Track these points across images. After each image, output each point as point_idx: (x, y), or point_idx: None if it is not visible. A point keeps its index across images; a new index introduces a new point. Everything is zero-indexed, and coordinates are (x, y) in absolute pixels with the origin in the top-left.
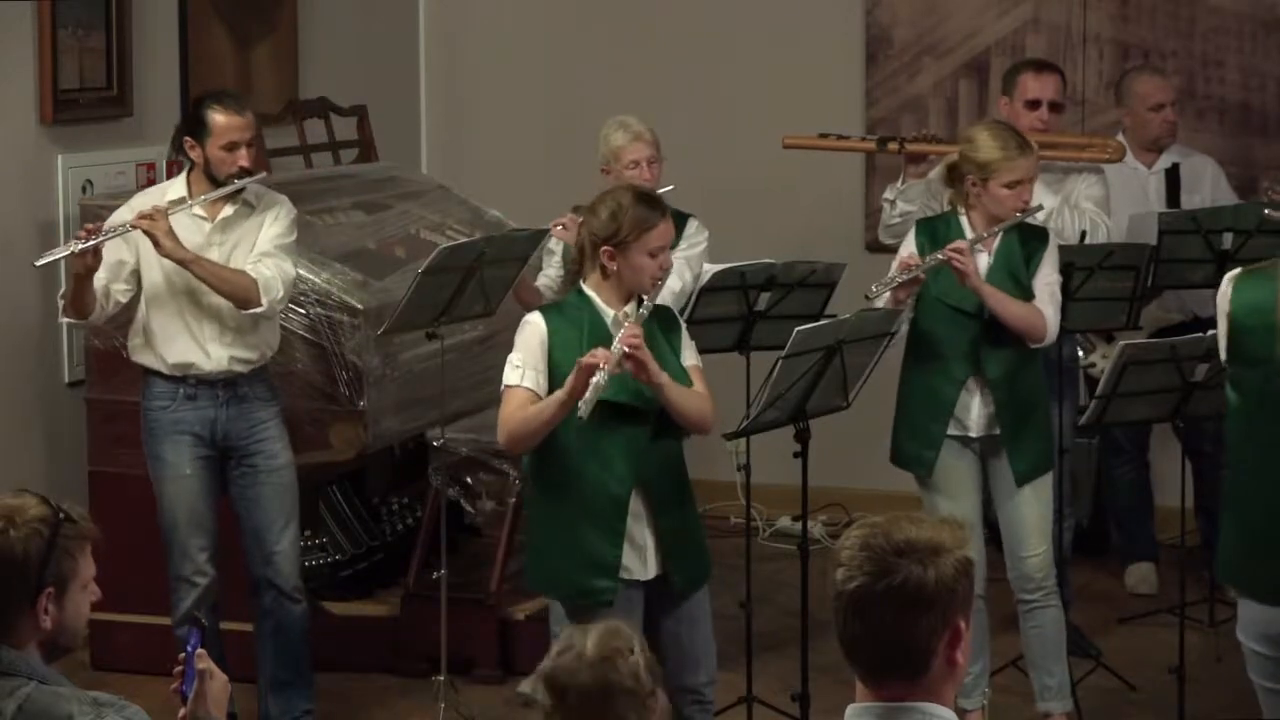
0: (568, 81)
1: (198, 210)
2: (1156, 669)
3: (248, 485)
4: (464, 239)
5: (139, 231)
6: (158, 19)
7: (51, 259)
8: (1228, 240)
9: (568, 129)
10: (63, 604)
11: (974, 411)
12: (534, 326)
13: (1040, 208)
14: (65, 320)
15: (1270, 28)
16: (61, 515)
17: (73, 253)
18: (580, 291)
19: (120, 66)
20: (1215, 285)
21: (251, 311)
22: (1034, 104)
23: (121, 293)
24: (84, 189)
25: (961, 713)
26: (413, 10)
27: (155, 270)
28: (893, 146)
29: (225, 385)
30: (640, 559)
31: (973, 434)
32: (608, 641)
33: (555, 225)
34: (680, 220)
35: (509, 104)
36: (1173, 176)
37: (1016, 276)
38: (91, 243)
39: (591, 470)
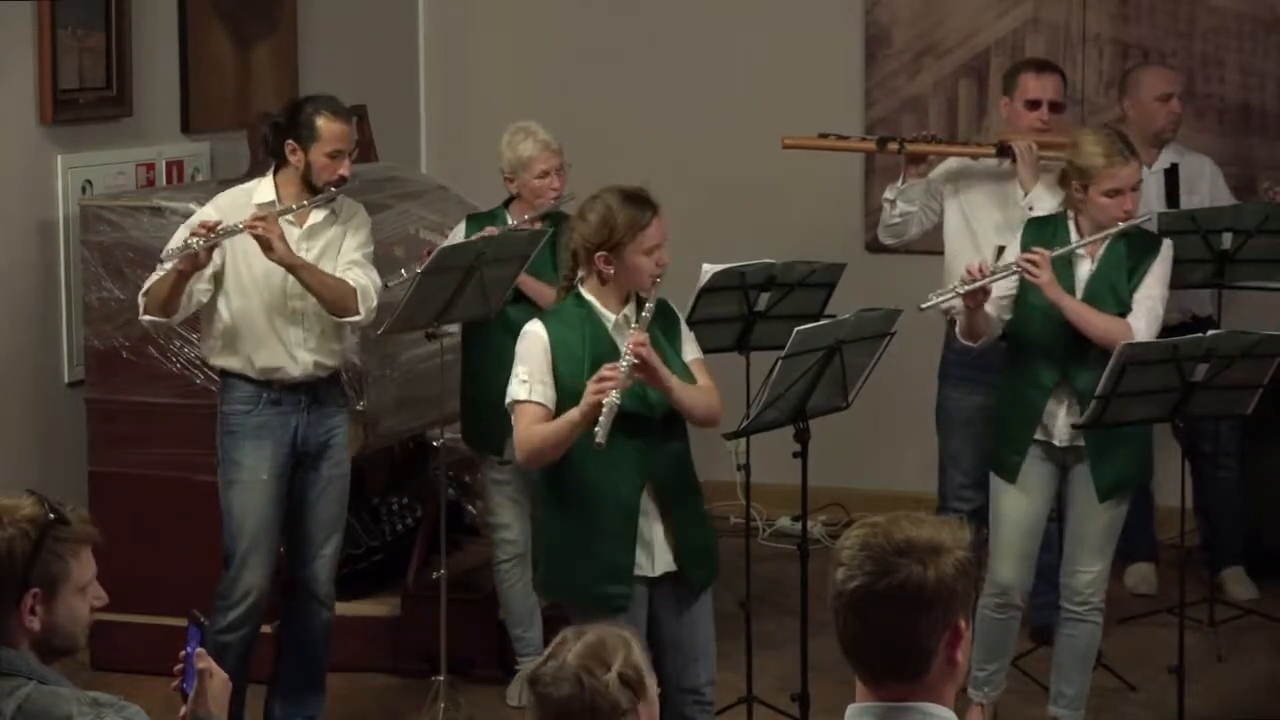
0: (567, 82)
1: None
2: (1156, 669)
3: (308, 488)
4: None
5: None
6: (157, 19)
7: (174, 259)
8: (1227, 240)
9: (567, 129)
10: (53, 606)
11: (1060, 420)
12: (535, 337)
13: (1149, 217)
14: (147, 319)
15: (1270, 27)
16: (53, 516)
17: (192, 250)
18: (579, 296)
19: (120, 66)
20: (1214, 285)
21: (350, 319)
22: (1034, 104)
23: (203, 293)
24: (83, 189)
25: (964, 704)
26: (412, 11)
27: (244, 273)
28: (892, 147)
29: (307, 390)
30: (648, 556)
31: (1057, 442)
32: (589, 654)
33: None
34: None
35: (508, 104)
36: (1171, 176)
37: (1115, 287)
38: (209, 241)
39: (602, 477)
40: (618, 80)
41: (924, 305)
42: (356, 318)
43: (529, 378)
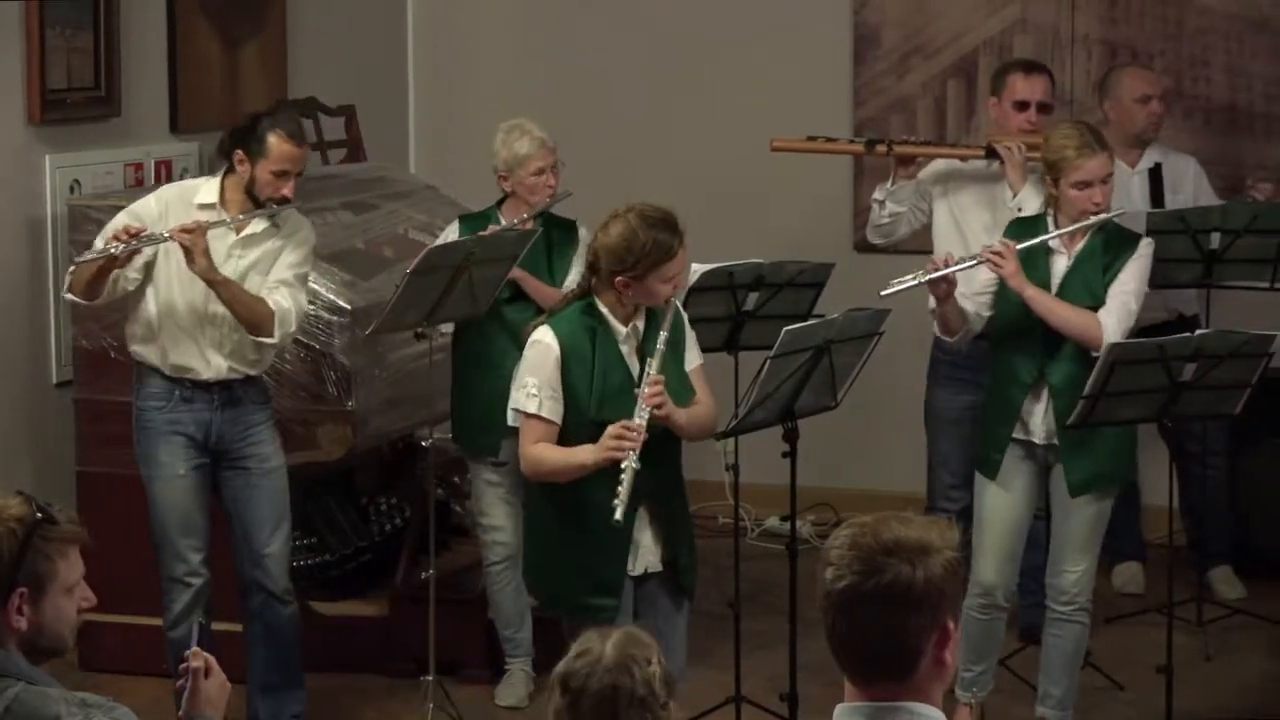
0: (556, 82)
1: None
2: (1144, 668)
3: (240, 487)
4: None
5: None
6: (146, 19)
7: (89, 259)
8: (1215, 240)
9: (555, 130)
10: (40, 606)
11: (1038, 417)
12: (546, 347)
13: (1123, 211)
14: (68, 296)
15: (1258, 28)
16: (41, 516)
17: (109, 255)
18: (591, 305)
19: (108, 66)
20: (1202, 285)
21: (262, 340)
22: (1023, 105)
23: (130, 281)
24: (72, 189)
25: (953, 705)
26: (401, 10)
27: (172, 271)
28: (881, 149)
29: (221, 389)
30: (634, 556)
31: (1036, 440)
32: (626, 648)
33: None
34: (569, 227)
35: (497, 104)
36: (1155, 176)
37: (1090, 283)
38: (128, 248)
39: (597, 495)
40: (606, 81)
41: (885, 292)
42: (270, 340)
43: (538, 391)
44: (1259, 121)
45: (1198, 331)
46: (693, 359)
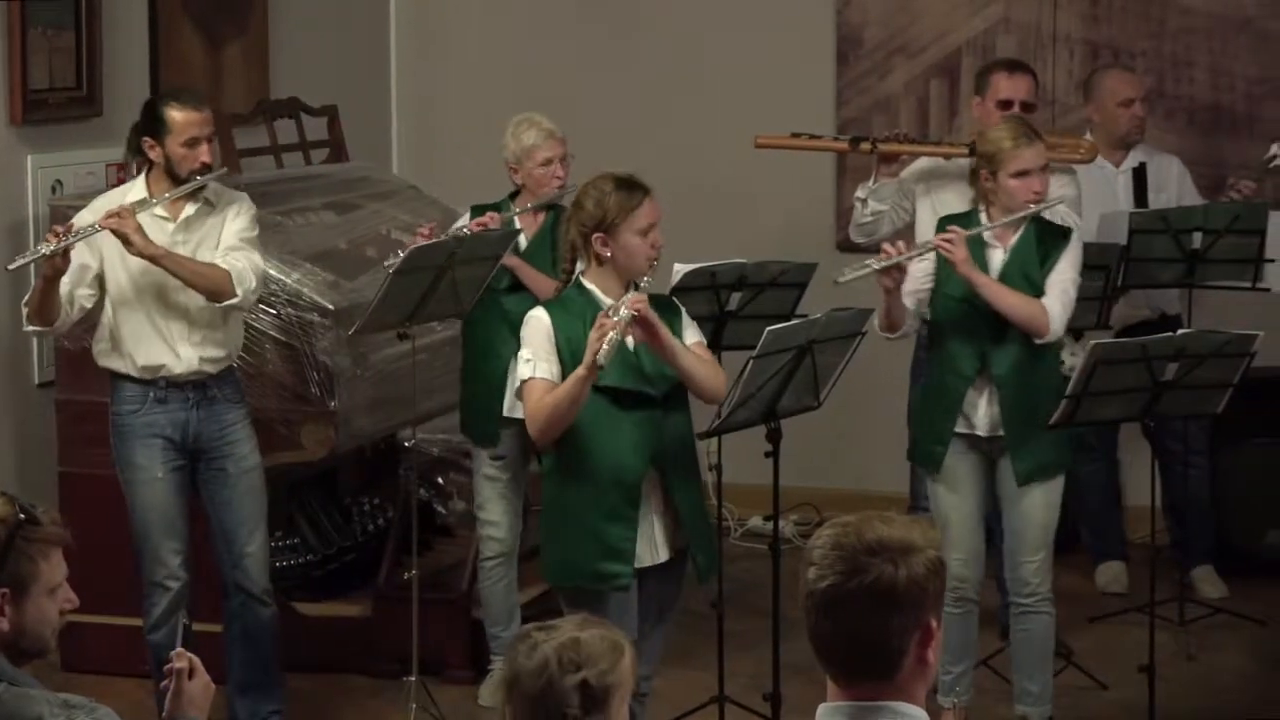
0: (539, 82)
1: (159, 211)
2: (1127, 667)
3: (218, 488)
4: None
5: (104, 235)
6: (128, 19)
7: (23, 263)
8: (1197, 240)
9: None
10: (23, 607)
11: (981, 410)
12: (539, 321)
13: (1060, 200)
14: (30, 329)
15: (1239, 28)
16: (23, 517)
17: (44, 255)
18: (580, 285)
19: (90, 66)
20: (1184, 285)
21: (227, 303)
22: (1006, 104)
23: (86, 298)
24: (54, 189)
25: (936, 709)
26: (384, 11)
27: (121, 272)
28: (865, 147)
29: (195, 387)
30: (651, 543)
31: (980, 433)
32: (569, 649)
33: (474, 224)
34: None
35: (480, 105)
36: (1140, 176)
37: (1029, 274)
38: (62, 244)
39: (606, 451)
40: (590, 80)
41: (840, 279)
42: (234, 300)
43: (533, 356)
44: (1241, 121)
45: (1180, 331)
46: (691, 336)
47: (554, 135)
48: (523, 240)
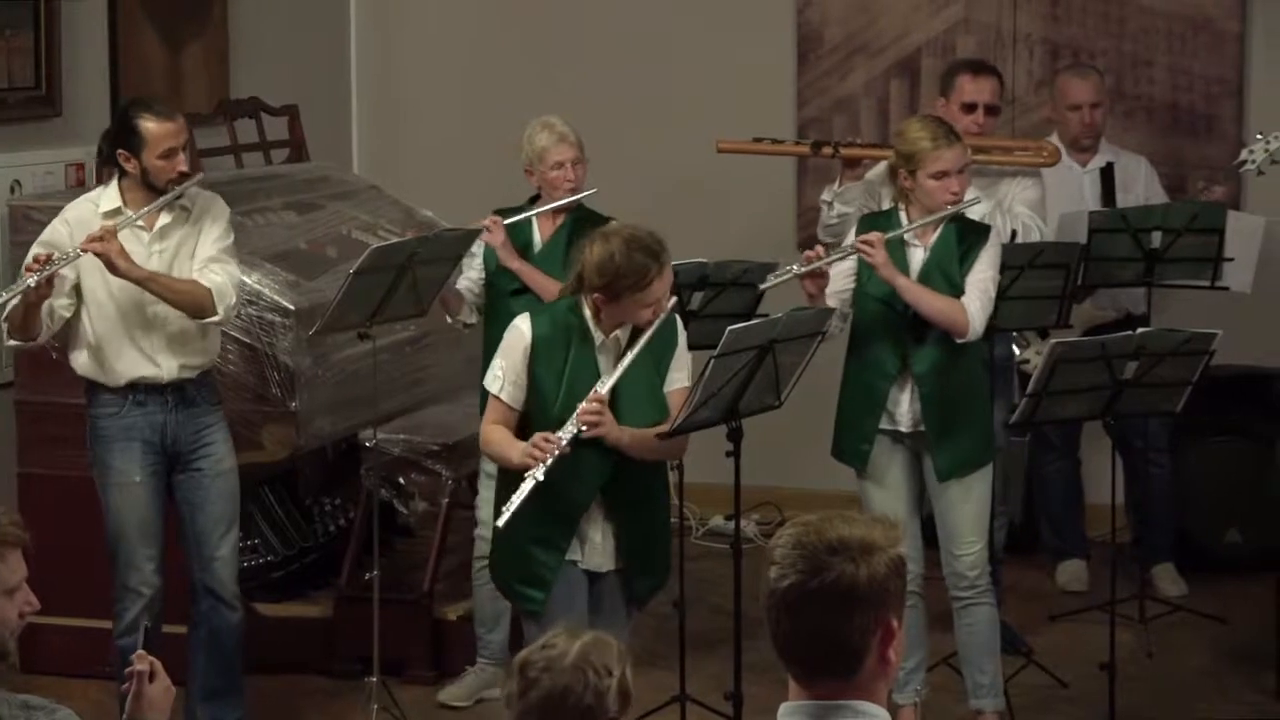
0: (499, 82)
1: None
2: (1087, 665)
3: (192, 489)
4: (396, 239)
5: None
6: (87, 19)
7: (8, 298)
8: (1156, 239)
9: (499, 129)
10: None
11: (904, 406)
12: (519, 334)
13: (977, 200)
14: (11, 343)
15: (1199, 27)
16: None
17: (28, 287)
18: (578, 304)
19: (49, 66)
20: (1144, 284)
21: (209, 321)
22: (970, 107)
23: (64, 308)
24: (12, 189)
25: (895, 708)
26: (344, 10)
27: (99, 286)
28: (826, 151)
29: (174, 390)
30: (584, 549)
31: (903, 429)
32: (589, 653)
33: (483, 224)
34: (602, 223)
35: (440, 104)
36: (1107, 175)
37: (948, 273)
38: (45, 273)
39: (552, 487)
40: (550, 81)
41: (763, 285)
42: (215, 318)
43: (503, 374)
44: (1200, 121)
45: (1139, 330)
46: (677, 380)
47: (566, 139)
48: (537, 242)
